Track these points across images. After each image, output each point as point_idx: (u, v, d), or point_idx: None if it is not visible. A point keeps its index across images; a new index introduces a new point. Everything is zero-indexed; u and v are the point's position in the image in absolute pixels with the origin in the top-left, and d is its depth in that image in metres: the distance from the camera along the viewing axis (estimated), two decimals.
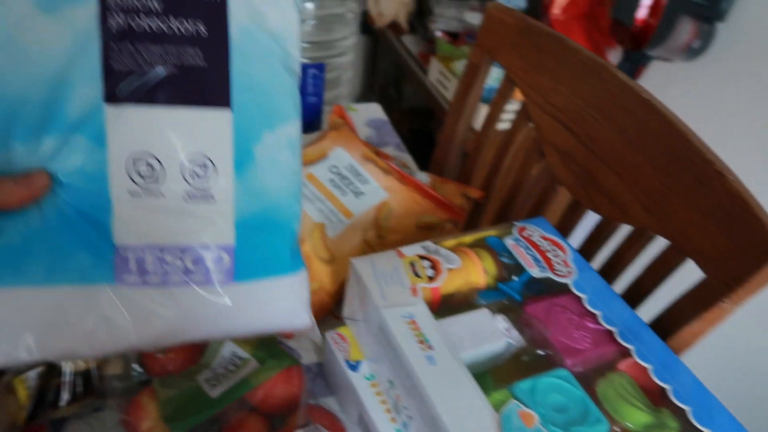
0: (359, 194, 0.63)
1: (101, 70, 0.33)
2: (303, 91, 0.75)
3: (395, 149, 0.93)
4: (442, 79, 1.49)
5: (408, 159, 0.89)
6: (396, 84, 2.06)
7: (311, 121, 0.79)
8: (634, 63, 1.25)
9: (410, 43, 1.71)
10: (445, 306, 0.51)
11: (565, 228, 0.67)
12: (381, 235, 0.63)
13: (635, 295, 0.57)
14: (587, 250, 0.64)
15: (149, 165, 0.35)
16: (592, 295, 0.52)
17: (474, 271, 0.53)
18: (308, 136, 0.80)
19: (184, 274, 0.36)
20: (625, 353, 0.48)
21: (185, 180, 0.35)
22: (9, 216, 0.33)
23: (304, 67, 0.73)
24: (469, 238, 0.57)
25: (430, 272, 0.52)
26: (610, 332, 0.49)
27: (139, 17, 0.33)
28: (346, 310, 0.55)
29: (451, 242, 0.56)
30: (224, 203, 0.37)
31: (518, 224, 0.58)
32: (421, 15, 1.76)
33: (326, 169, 0.65)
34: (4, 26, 0.31)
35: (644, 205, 0.57)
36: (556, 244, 0.56)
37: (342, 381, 0.52)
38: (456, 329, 0.48)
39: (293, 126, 0.40)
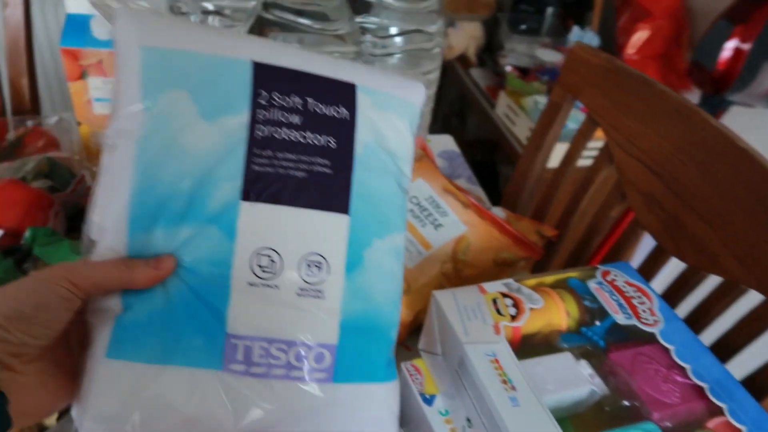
0: (438, 226, 0.64)
1: (243, 171, 0.37)
2: None
3: (467, 182, 0.93)
4: (509, 113, 1.49)
5: (480, 192, 0.89)
6: (460, 115, 2.07)
7: None
8: (713, 107, 1.22)
9: (478, 76, 1.72)
10: (525, 346, 0.50)
11: (646, 274, 0.65)
12: (458, 269, 0.63)
13: (725, 350, 0.55)
14: (670, 297, 0.62)
15: (270, 259, 0.37)
16: (681, 347, 0.50)
17: (556, 313, 0.52)
18: None
19: (287, 368, 0.37)
20: (716, 411, 0.46)
21: (300, 276, 0.38)
22: (137, 293, 0.35)
23: None
24: (550, 278, 0.56)
25: (512, 311, 0.51)
26: (699, 387, 0.47)
27: (281, 129, 0.38)
28: (423, 342, 0.55)
29: (532, 281, 0.55)
30: (332, 301, 0.39)
31: (602, 267, 0.57)
32: (490, 49, 1.78)
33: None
34: (171, 129, 0.36)
35: (737, 256, 0.55)
36: (642, 290, 0.55)
37: (415, 413, 0.52)
38: (539, 371, 0.47)
39: (400, 237, 0.43)
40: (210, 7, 0.70)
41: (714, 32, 1.16)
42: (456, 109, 2.06)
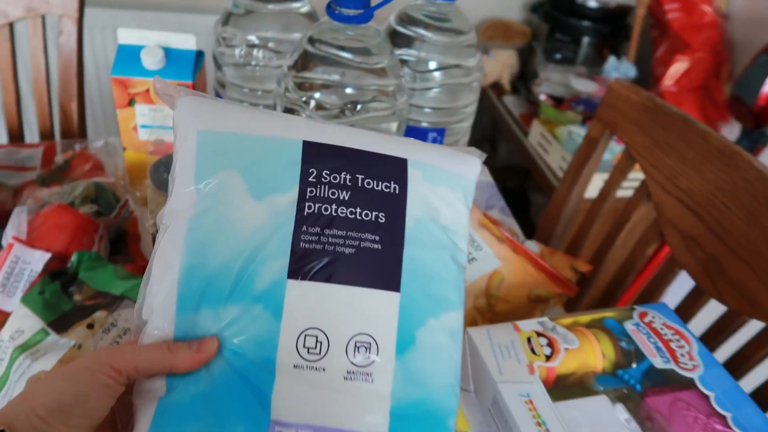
0: (472, 260, 0.64)
1: (290, 249, 0.36)
2: None
3: (500, 213, 0.92)
4: (543, 142, 1.48)
5: (514, 224, 0.88)
6: (492, 141, 2.07)
7: None
8: (753, 141, 1.20)
9: (511, 103, 1.72)
10: (559, 387, 0.50)
11: (684, 315, 0.64)
12: (491, 304, 0.63)
13: (767, 398, 0.53)
14: (709, 340, 0.61)
15: (317, 339, 0.36)
16: (721, 393, 0.49)
17: (592, 354, 0.52)
18: None
19: None
20: None
21: (348, 357, 0.36)
22: (182, 375, 0.35)
23: (425, 131, 0.75)
24: (586, 317, 0.56)
25: (547, 350, 0.51)
26: None
27: (330, 205, 0.38)
28: None
29: (567, 320, 0.55)
30: (382, 385, 0.36)
31: (639, 308, 0.56)
32: (524, 77, 1.78)
33: None
34: (220, 207, 0.37)
35: None
36: (680, 333, 0.54)
37: None
38: (573, 414, 0.47)
39: (457, 316, 0.40)
40: (255, 40, 0.72)
41: (755, 67, 1.15)
42: (488, 135, 2.07)
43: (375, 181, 0.39)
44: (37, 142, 0.85)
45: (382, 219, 0.38)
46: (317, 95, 0.62)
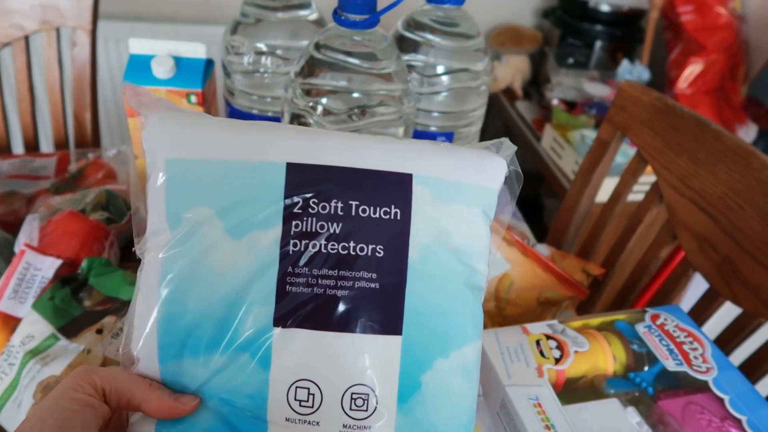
0: None
1: (275, 294, 0.33)
2: None
3: (512, 217, 0.92)
4: (555, 146, 1.47)
5: (525, 228, 0.88)
6: None
7: None
8: None
9: (524, 109, 1.72)
10: (569, 390, 0.49)
11: (698, 317, 0.63)
12: (500, 307, 0.62)
13: None
14: (724, 343, 0.60)
15: (309, 392, 0.33)
16: (736, 396, 0.48)
17: (602, 357, 0.51)
18: None
19: None
20: None
21: (344, 411, 0.33)
22: (171, 423, 0.33)
23: (433, 135, 0.75)
24: (596, 320, 0.55)
25: (556, 353, 0.50)
26: None
27: (318, 242, 0.34)
28: None
29: (577, 323, 0.54)
30: None
31: (651, 311, 0.55)
32: (536, 82, 1.77)
33: None
34: (196, 250, 0.33)
35: None
36: (694, 336, 0.53)
37: None
38: (584, 417, 0.46)
39: (472, 350, 0.36)
40: (263, 47, 0.72)
41: None
42: None
43: (372, 208, 0.34)
44: (51, 151, 0.86)
45: (380, 253, 0.34)
46: (324, 101, 0.62)
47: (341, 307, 0.33)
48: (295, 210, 0.34)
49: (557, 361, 0.50)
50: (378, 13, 0.61)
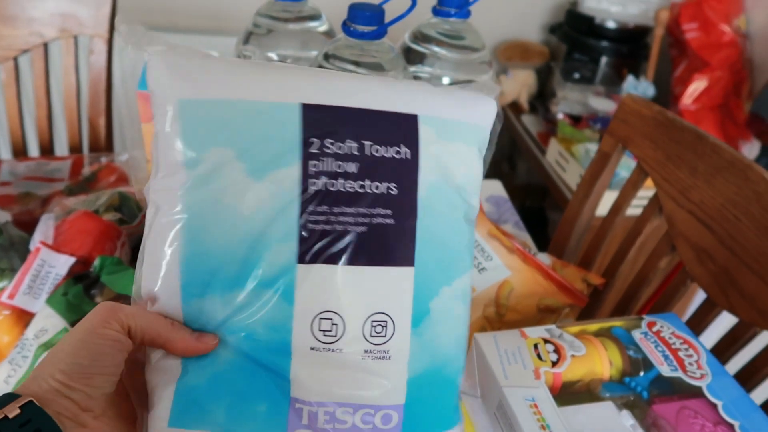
0: (482, 270, 0.65)
1: (297, 231, 0.35)
2: None
3: (514, 227, 0.93)
4: (560, 160, 1.49)
5: (527, 238, 0.89)
6: (510, 160, 2.08)
7: None
8: None
9: (529, 122, 1.73)
10: (565, 393, 0.50)
11: (696, 327, 0.64)
12: (500, 313, 0.63)
13: None
14: (720, 352, 0.61)
15: (332, 322, 0.35)
16: (729, 402, 0.49)
17: (599, 361, 0.52)
18: None
19: (353, 429, 0.35)
20: None
21: (365, 338, 0.36)
22: (196, 358, 0.35)
23: None
24: (594, 326, 0.56)
25: (553, 357, 0.51)
26: None
27: (336, 180, 0.35)
28: (463, 384, 0.56)
29: (575, 328, 0.55)
30: (399, 362, 0.36)
31: (648, 318, 0.57)
32: (542, 96, 1.79)
33: None
34: (217, 191, 0.34)
35: None
36: (689, 343, 0.54)
37: None
38: (579, 419, 0.47)
39: (467, 278, 0.40)
40: (274, 57, 0.75)
41: None
42: (506, 154, 2.08)
43: (384, 147, 0.36)
44: (66, 155, 0.89)
45: (393, 191, 0.36)
46: None
47: (360, 243, 0.35)
48: (312, 150, 0.35)
49: (554, 364, 0.51)
50: (385, 25, 0.63)
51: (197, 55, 0.36)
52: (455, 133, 0.38)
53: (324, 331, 0.35)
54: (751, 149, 1.40)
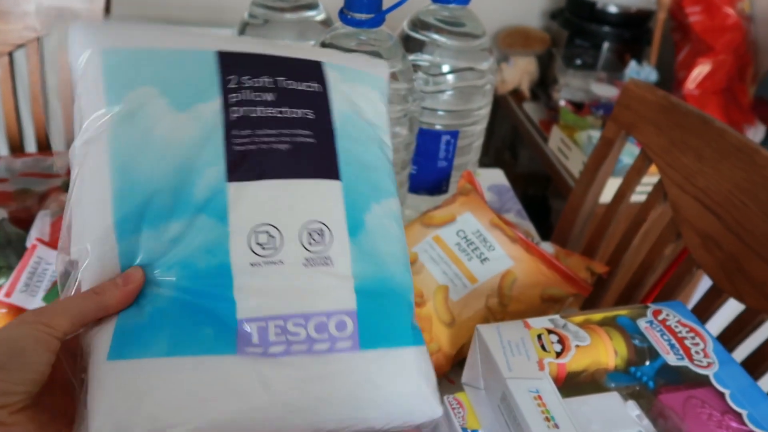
0: (485, 260, 0.64)
1: (224, 154, 0.36)
2: (435, 155, 0.78)
3: (516, 216, 0.92)
4: (563, 147, 1.47)
5: (530, 227, 0.88)
6: (512, 149, 2.06)
7: (439, 185, 0.81)
8: None
9: (531, 110, 1.72)
10: (570, 384, 0.49)
11: (702, 314, 0.63)
12: (503, 304, 0.63)
13: None
14: (727, 340, 0.60)
15: (269, 234, 0.36)
16: (736, 391, 0.48)
17: (603, 351, 0.51)
18: (437, 199, 0.82)
19: (308, 342, 0.35)
20: None
21: (303, 246, 0.37)
22: (131, 316, 0.34)
23: (438, 134, 0.76)
24: (598, 315, 0.55)
25: (557, 347, 0.51)
26: None
27: (256, 108, 0.38)
28: (466, 376, 0.55)
29: (579, 318, 0.55)
30: (342, 267, 0.37)
31: (653, 306, 0.56)
32: (544, 83, 1.78)
33: (453, 232, 0.66)
34: (143, 124, 0.36)
35: None
36: (695, 331, 0.53)
37: None
38: (584, 410, 0.46)
39: (395, 202, 0.42)
40: None
41: None
42: (508, 142, 2.06)
43: (296, 82, 0.40)
44: (63, 151, 0.88)
45: (310, 116, 0.39)
46: None
47: (285, 158, 0.37)
48: (231, 85, 0.38)
49: (558, 354, 0.50)
50: (383, 12, 0.62)
51: (117, 22, 0.39)
52: (357, 78, 0.43)
53: (261, 244, 0.35)
54: (755, 133, 1.38)
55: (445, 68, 0.74)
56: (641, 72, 1.50)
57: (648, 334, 0.53)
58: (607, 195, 0.81)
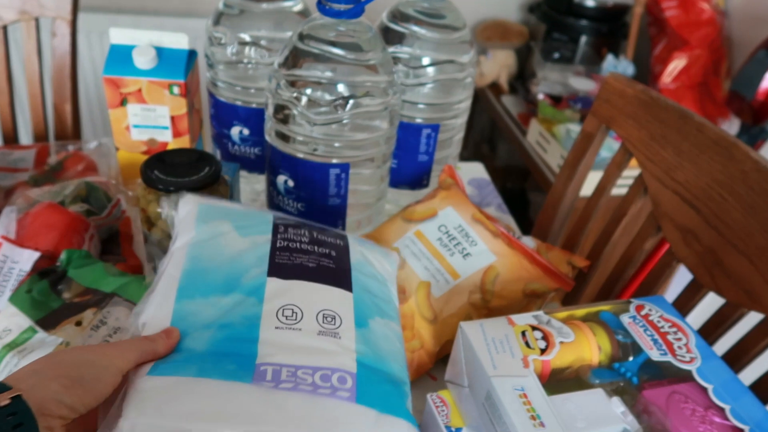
0: (467, 255, 0.63)
1: (268, 262, 0.49)
2: (415, 149, 0.76)
3: (497, 210, 0.92)
4: (541, 141, 1.48)
5: (510, 221, 0.88)
6: (491, 142, 2.06)
7: (420, 179, 0.80)
8: (753, 137, 1.20)
9: (510, 103, 1.72)
10: (554, 380, 0.49)
11: (682, 308, 0.63)
12: (486, 299, 0.62)
13: (767, 390, 0.53)
14: (707, 333, 0.60)
15: (292, 311, 0.46)
16: (719, 386, 0.48)
17: (587, 347, 0.51)
18: (417, 193, 0.81)
19: (313, 386, 0.42)
20: None
21: (318, 323, 0.46)
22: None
23: (419, 127, 0.75)
24: (581, 311, 0.55)
25: (542, 344, 0.50)
26: (739, 430, 0.45)
27: (294, 243, 0.52)
28: (449, 373, 0.54)
29: (563, 314, 0.54)
30: (347, 341, 0.46)
31: (636, 301, 0.56)
32: (522, 77, 1.78)
33: (435, 227, 0.65)
34: (214, 238, 0.50)
35: None
36: (678, 326, 0.53)
37: None
38: (569, 408, 0.46)
39: (396, 326, 0.52)
40: (247, 38, 0.72)
41: (754, 62, 1.14)
42: (486, 136, 2.06)
43: (325, 237, 0.55)
44: (31, 143, 0.85)
45: (333, 253, 0.53)
46: (308, 92, 0.61)
47: (312, 271, 0.50)
48: (280, 229, 0.54)
49: (543, 351, 0.49)
50: (362, 2, 0.60)
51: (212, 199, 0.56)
52: (371, 247, 0.58)
53: (286, 316, 0.46)
54: (730, 127, 1.40)
55: (426, 61, 0.72)
56: (618, 66, 1.51)
57: (631, 329, 0.53)
58: (587, 188, 0.81)
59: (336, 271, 0.51)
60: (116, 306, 0.52)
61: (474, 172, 1.01)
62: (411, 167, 0.78)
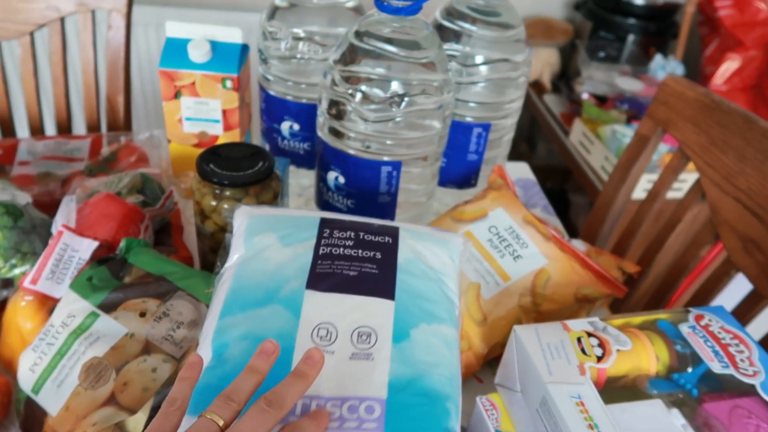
0: (517, 258, 0.62)
1: (309, 272, 0.48)
2: (465, 148, 0.76)
3: (543, 211, 0.91)
4: (585, 141, 1.45)
5: (557, 223, 0.86)
6: (529, 140, 2.04)
7: (468, 179, 0.79)
8: None
9: (552, 102, 1.69)
10: (610, 389, 0.48)
11: (741, 318, 0.61)
12: (536, 303, 0.61)
13: None
14: (766, 346, 0.58)
15: (327, 331, 0.46)
16: None
17: (645, 356, 0.50)
18: (464, 192, 0.80)
19: (340, 420, 0.42)
20: None
21: (352, 343, 0.45)
22: (211, 365, 0.43)
23: (470, 126, 0.74)
24: (638, 319, 0.54)
25: (598, 351, 0.49)
26: None
27: (338, 248, 0.51)
28: (500, 377, 0.54)
29: (619, 321, 0.53)
30: (381, 363, 0.45)
31: (695, 311, 0.54)
32: (565, 75, 1.75)
33: (485, 228, 0.65)
34: (258, 253, 0.50)
35: None
36: (739, 338, 0.52)
37: None
38: (627, 418, 0.45)
39: (448, 330, 0.48)
40: (301, 33, 0.72)
41: None
42: (526, 134, 2.04)
43: (373, 236, 0.52)
44: (84, 134, 0.87)
45: (378, 256, 0.51)
46: (363, 88, 0.61)
47: (352, 281, 0.48)
48: (324, 234, 0.52)
49: (599, 359, 0.48)
50: (421, 0, 0.60)
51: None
52: (426, 239, 0.54)
53: (321, 336, 0.45)
54: None
55: (479, 59, 0.72)
56: (667, 66, 1.47)
57: (690, 339, 0.51)
58: (636, 194, 0.80)
59: (378, 278, 0.49)
60: (179, 299, 0.52)
61: (519, 172, 0.99)
62: (460, 166, 0.78)
